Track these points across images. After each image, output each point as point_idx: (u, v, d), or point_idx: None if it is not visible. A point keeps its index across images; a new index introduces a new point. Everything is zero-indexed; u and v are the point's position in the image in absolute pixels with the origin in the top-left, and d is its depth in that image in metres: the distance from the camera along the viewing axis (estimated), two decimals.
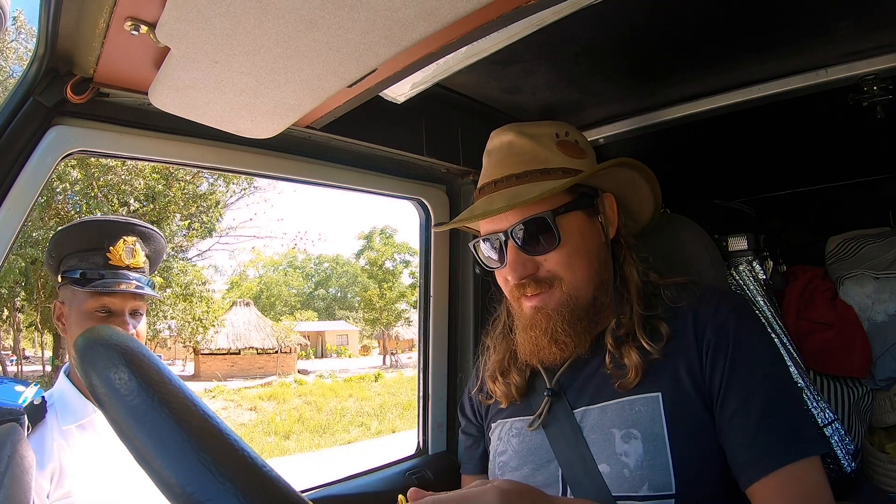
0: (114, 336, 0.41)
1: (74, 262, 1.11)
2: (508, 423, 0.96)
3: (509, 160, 0.91)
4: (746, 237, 1.63)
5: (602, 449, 0.81)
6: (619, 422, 0.81)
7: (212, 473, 0.34)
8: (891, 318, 1.62)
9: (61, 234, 1.16)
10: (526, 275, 0.86)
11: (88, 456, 1.05)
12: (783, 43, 1.11)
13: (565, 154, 0.90)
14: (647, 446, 0.77)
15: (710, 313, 0.83)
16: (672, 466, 0.75)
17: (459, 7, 0.64)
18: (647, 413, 0.79)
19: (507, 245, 0.87)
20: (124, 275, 1.13)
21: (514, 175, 0.89)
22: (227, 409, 14.27)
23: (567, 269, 0.86)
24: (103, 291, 1.10)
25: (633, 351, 0.83)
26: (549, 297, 0.86)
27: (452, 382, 1.56)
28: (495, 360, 0.99)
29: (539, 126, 0.94)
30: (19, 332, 15.05)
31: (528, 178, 0.88)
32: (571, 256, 0.86)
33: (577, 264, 0.86)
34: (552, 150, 0.90)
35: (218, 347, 20.00)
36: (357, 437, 12.34)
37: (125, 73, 0.91)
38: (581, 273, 0.87)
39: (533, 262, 0.86)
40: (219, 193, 15.02)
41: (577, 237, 0.87)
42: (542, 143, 0.91)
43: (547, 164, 0.88)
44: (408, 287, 27.71)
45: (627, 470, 0.77)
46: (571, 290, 0.86)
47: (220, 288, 27.63)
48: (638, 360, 0.82)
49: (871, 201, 1.90)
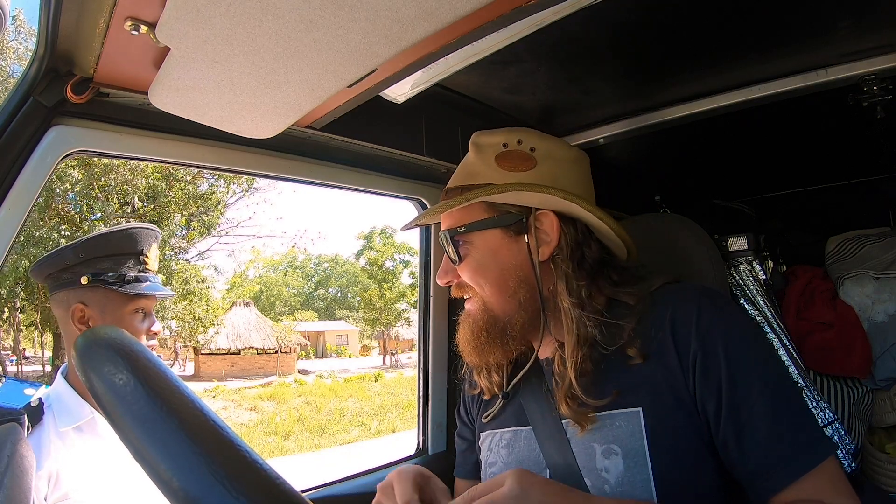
0: (114, 336, 0.41)
1: (109, 265, 1.14)
2: (497, 434, 0.94)
3: (457, 173, 0.93)
4: (746, 237, 1.63)
5: (585, 463, 0.79)
6: (600, 437, 0.78)
7: (212, 474, 0.34)
8: (891, 318, 1.63)
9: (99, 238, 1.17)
10: (446, 280, 0.92)
11: (85, 458, 1.04)
12: (783, 43, 1.11)
13: (500, 167, 0.87)
14: (628, 462, 0.75)
15: (690, 319, 0.78)
16: (653, 482, 0.73)
17: (459, 7, 0.64)
18: (628, 429, 0.77)
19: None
20: (154, 278, 1.21)
21: (449, 189, 0.92)
22: (227, 409, 14.27)
23: (475, 283, 0.88)
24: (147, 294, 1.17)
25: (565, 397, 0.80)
26: (472, 304, 0.90)
27: (452, 382, 1.56)
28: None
29: (494, 135, 0.91)
30: (19, 332, 15.06)
31: (454, 192, 0.90)
32: (476, 273, 0.87)
33: (484, 281, 0.87)
34: (488, 164, 0.89)
35: (218, 347, 20.00)
36: (357, 438, 12.34)
37: (125, 73, 0.91)
38: (490, 290, 0.86)
39: (453, 270, 0.91)
40: (219, 193, 15.04)
41: (486, 254, 0.87)
42: (482, 156, 0.90)
43: (474, 180, 0.89)
44: (408, 287, 27.71)
45: (608, 486, 0.76)
46: (486, 304, 0.87)
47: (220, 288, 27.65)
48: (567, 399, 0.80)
49: (871, 201, 1.90)
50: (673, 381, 0.77)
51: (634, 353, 0.79)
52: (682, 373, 0.76)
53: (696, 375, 0.76)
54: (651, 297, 0.84)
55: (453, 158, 1.45)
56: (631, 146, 1.54)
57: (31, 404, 1.03)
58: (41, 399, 1.06)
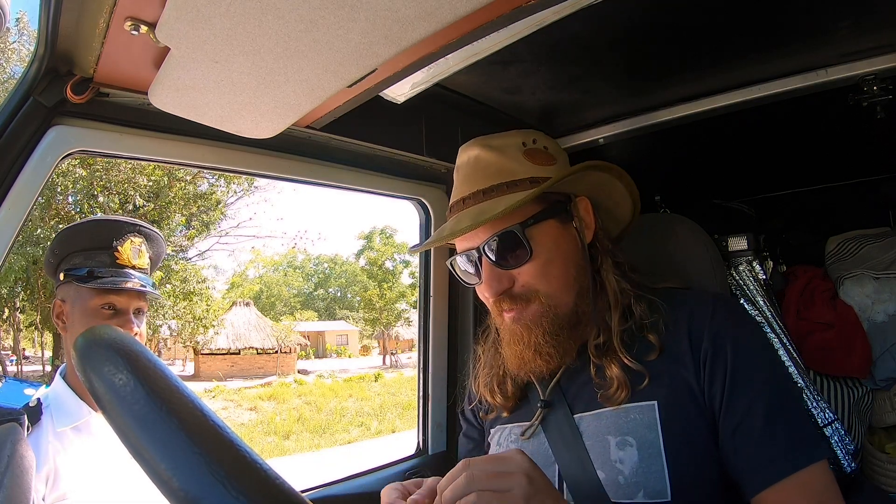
0: (114, 336, 0.41)
1: (80, 260, 1.12)
2: (507, 429, 0.95)
3: (476, 175, 0.89)
4: (746, 237, 1.63)
5: (598, 455, 0.81)
6: (615, 429, 0.81)
7: (212, 474, 0.33)
8: (891, 318, 1.63)
9: (69, 232, 1.16)
10: (501, 290, 0.85)
11: (83, 458, 1.04)
12: (783, 43, 1.11)
13: (533, 163, 0.88)
14: (643, 454, 0.77)
15: (705, 320, 0.81)
16: (667, 473, 0.75)
17: (459, 7, 0.64)
18: (643, 421, 0.79)
19: (482, 261, 0.85)
20: (129, 274, 1.14)
21: (481, 190, 0.87)
22: (226, 409, 14.27)
23: (542, 281, 0.84)
24: (112, 288, 1.11)
25: (614, 364, 0.82)
26: (526, 311, 0.85)
27: (452, 382, 1.56)
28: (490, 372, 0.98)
29: (505, 137, 0.91)
30: (19, 332, 15.06)
31: (494, 192, 0.86)
32: (546, 267, 0.84)
33: (553, 274, 0.85)
34: (519, 161, 0.88)
35: (218, 347, 20.00)
36: (357, 438, 12.34)
37: (125, 73, 0.91)
38: (557, 283, 0.85)
39: (508, 277, 0.85)
40: (219, 193, 15.05)
41: (550, 247, 0.85)
42: (508, 155, 0.89)
43: (514, 176, 0.87)
44: (408, 287, 27.73)
45: (622, 477, 0.77)
46: (550, 302, 0.84)
47: (220, 288, 27.66)
48: (620, 374, 0.81)
49: (871, 201, 1.90)
50: (687, 375, 0.80)
51: (655, 339, 0.82)
52: (694, 369, 0.79)
53: (706, 372, 0.79)
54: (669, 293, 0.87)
55: (453, 158, 1.43)
56: (631, 146, 1.54)
57: (30, 405, 1.02)
58: (39, 399, 1.05)
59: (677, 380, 0.80)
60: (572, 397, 0.88)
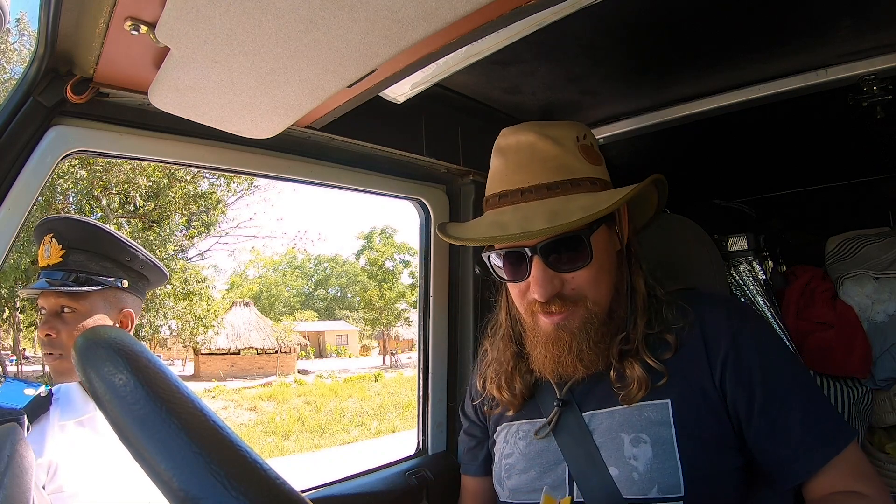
0: (114, 336, 0.41)
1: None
2: (515, 426, 0.95)
3: (534, 166, 0.83)
4: (746, 237, 1.63)
5: (611, 452, 0.82)
6: (628, 427, 0.82)
7: (212, 474, 0.34)
8: (891, 318, 1.62)
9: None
10: (554, 293, 0.81)
11: (83, 452, 1.05)
12: (783, 43, 1.11)
13: (588, 161, 0.85)
14: (657, 450, 0.79)
15: (719, 321, 0.84)
16: (681, 469, 0.77)
17: (459, 7, 0.64)
18: (656, 419, 0.81)
19: (533, 261, 0.81)
20: (46, 274, 1.13)
21: (545, 185, 0.82)
22: (226, 409, 14.27)
23: (594, 287, 0.83)
24: (29, 295, 1.15)
25: (636, 364, 0.83)
26: (573, 316, 0.83)
27: (452, 382, 1.56)
28: (499, 368, 0.97)
29: (559, 127, 0.87)
30: (19, 332, 15.06)
31: (560, 189, 0.81)
32: (599, 273, 0.83)
33: (604, 281, 0.84)
34: (577, 157, 0.84)
35: (218, 347, 20.00)
36: (357, 437, 12.34)
37: (125, 73, 0.91)
38: (605, 289, 0.85)
39: (560, 279, 0.82)
40: (219, 193, 15.05)
41: (603, 253, 0.84)
42: (565, 148, 0.84)
43: (574, 174, 0.83)
44: (408, 287, 27.71)
45: (637, 473, 0.79)
46: (594, 308, 0.84)
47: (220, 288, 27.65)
48: (642, 374, 0.82)
49: (871, 201, 1.90)
50: (700, 375, 0.82)
51: (672, 339, 0.84)
52: (709, 369, 0.82)
53: (727, 372, 0.81)
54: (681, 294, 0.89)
55: (453, 158, 1.45)
56: (631, 146, 1.54)
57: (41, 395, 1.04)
58: (51, 391, 1.08)
59: (690, 378, 0.82)
60: (584, 396, 0.89)
